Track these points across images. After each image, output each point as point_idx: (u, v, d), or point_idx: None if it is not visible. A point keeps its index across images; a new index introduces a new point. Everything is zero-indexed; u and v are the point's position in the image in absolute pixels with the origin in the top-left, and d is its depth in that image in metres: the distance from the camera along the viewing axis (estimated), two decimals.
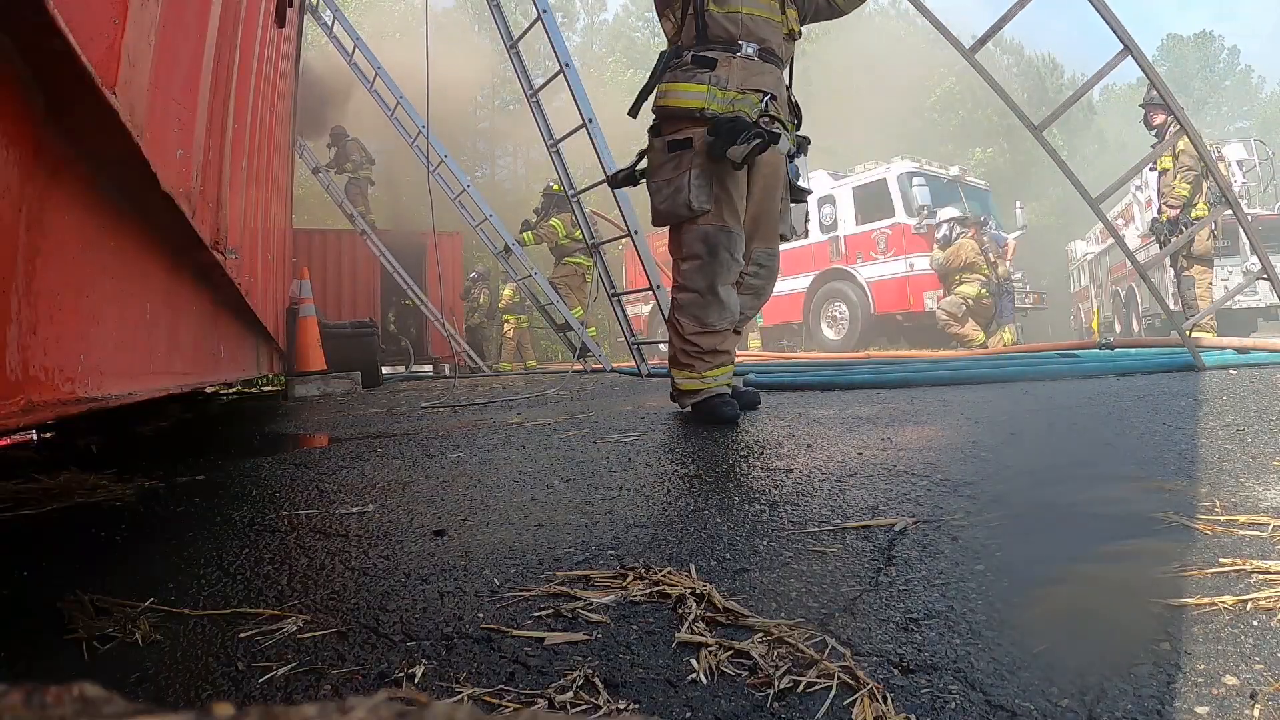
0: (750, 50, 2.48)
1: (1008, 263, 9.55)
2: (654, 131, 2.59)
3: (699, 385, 2.56)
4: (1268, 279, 2.98)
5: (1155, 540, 1.05)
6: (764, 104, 2.44)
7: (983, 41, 3.03)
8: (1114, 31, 2.78)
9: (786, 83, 2.67)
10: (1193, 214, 6.79)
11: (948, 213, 9.67)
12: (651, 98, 2.59)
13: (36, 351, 0.90)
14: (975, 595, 0.90)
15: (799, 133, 2.70)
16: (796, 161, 2.70)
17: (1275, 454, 1.51)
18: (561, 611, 0.93)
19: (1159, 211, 7.13)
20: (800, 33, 2.67)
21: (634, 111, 2.72)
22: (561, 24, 5.88)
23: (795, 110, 2.70)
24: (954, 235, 9.32)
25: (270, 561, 1.22)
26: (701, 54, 2.47)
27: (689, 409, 2.62)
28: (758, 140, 2.32)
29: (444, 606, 0.98)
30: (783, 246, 2.79)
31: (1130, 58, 2.81)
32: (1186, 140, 6.69)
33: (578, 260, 9.05)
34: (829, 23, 2.90)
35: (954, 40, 2.98)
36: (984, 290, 9.02)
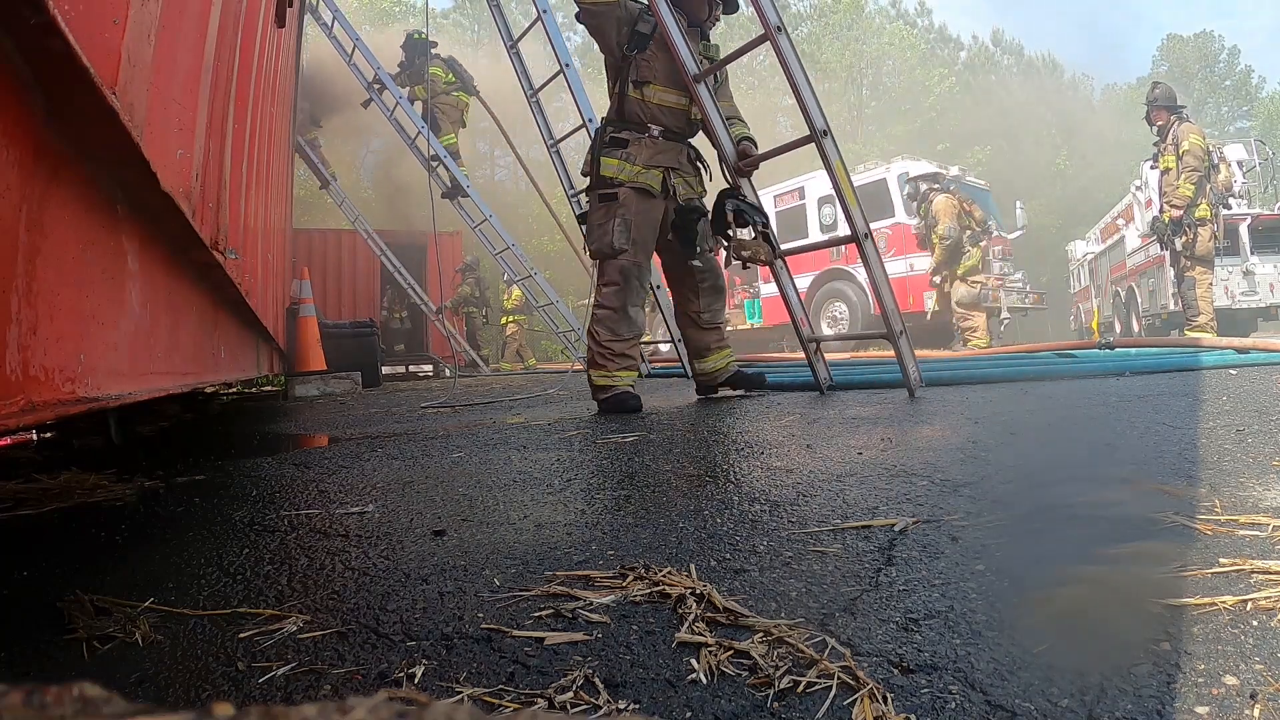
0: (656, 132, 3.17)
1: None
2: (590, 188, 3.25)
3: (610, 381, 3.16)
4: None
5: (1155, 540, 1.05)
6: (665, 175, 3.17)
7: (710, 71, 3.20)
8: (760, 16, 2.94)
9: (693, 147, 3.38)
10: (1195, 214, 6.79)
11: (900, 169, 9.79)
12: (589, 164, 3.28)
13: (36, 351, 0.90)
14: (975, 595, 0.90)
15: (718, 186, 3.31)
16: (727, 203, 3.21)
17: (1275, 454, 1.51)
18: (561, 611, 0.93)
19: (1160, 211, 7.13)
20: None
21: (584, 172, 3.33)
22: (561, 24, 5.87)
23: (703, 163, 3.42)
24: (924, 191, 9.18)
25: (270, 561, 1.22)
26: (615, 135, 3.18)
27: (602, 403, 3.14)
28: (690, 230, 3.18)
29: (444, 606, 0.98)
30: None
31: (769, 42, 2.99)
32: (1191, 140, 6.73)
33: (460, 95, 9.01)
34: (829, 26, 3.13)
35: (684, 60, 3.11)
36: (984, 291, 8.98)
